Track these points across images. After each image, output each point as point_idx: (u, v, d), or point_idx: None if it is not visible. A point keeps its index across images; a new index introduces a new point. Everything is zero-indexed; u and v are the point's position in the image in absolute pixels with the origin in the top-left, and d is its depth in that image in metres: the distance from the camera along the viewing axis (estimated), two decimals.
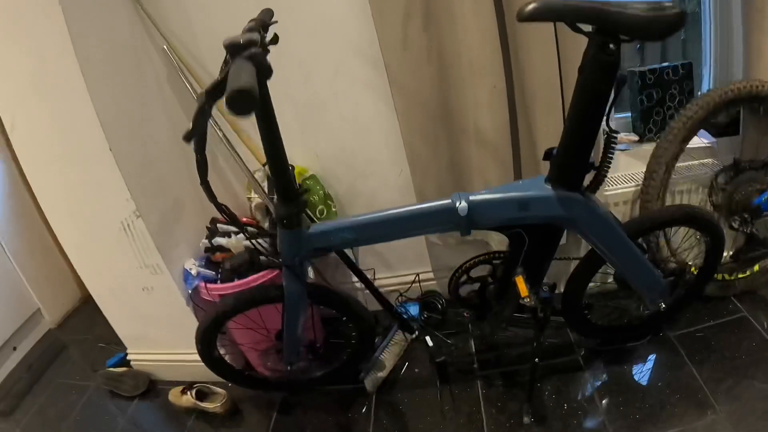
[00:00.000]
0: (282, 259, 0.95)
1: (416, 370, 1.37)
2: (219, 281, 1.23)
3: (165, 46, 1.27)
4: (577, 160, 0.86)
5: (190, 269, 1.26)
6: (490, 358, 1.35)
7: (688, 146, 1.23)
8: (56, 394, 1.60)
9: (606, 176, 0.89)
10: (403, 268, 1.54)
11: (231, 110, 0.55)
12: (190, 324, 1.30)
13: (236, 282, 1.18)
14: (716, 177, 1.29)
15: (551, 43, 1.04)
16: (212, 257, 1.28)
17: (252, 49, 0.66)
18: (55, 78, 1.08)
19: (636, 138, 1.43)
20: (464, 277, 1.15)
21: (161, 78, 1.33)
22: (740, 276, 1.35)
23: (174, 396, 1.37)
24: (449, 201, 0.90)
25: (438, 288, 1.53)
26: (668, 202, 1.26)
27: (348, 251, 1.35)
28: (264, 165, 1.28)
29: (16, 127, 1.20)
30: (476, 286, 1.17)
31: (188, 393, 1.32)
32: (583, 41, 0.79)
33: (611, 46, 0.75)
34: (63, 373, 1.71)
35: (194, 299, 1.27)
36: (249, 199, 1.34)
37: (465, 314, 1.32)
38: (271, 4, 1.19)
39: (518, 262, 0.99)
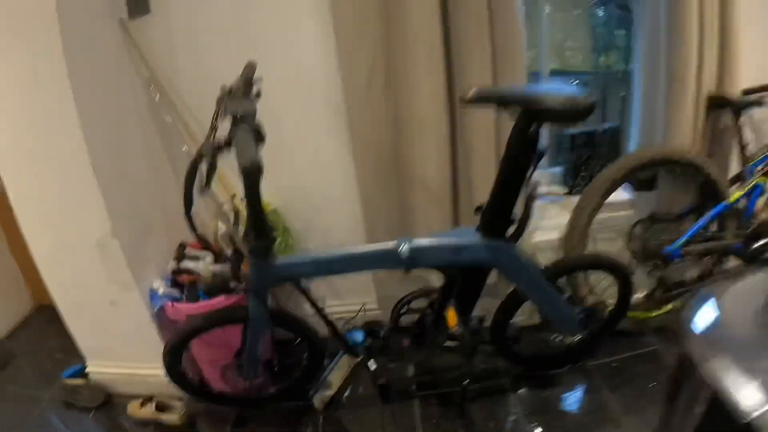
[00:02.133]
0: (250, 286, 1.22)
1: (360, 390, 1.65)
2: (184, 301, 1.48)
3: (148, 76, 1.53)
4: (501, 215, 1.17)
5: (158, 289, 1.50)
6: (427, 381, 1.64)
7: (612, 200, 1.58)
8: (7, 403, 1.77)
9: (525, 229, 1.20)
10: (350, 298, 1.82)
11: (246, 180, 0.82)
12: (152, 339, 1.54)
13: (201, 303, 1.44)
14: (634, 227, 1.66)
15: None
16: (177, 278, 1.53)
17: (252, 120, 0.93)
18: (45, 93, 1.29)
19: (565, 191, 1.78)
20: (405, 308, 1.45)
21: (141, 105, 1.57)
22: (654, 314, 1.71)
23: (133, 408, 1.59)
24: (395, 244, 1.19)
25: (381, 317, 1.82)
26: (591, 247, 1.60)
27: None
28: (232, 197, 1.55)
29: None
30: (415, 317, 1.46)
31: (148, 405, 1.55)
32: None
33: (533, 126, 1.07)
34: (14, 382, 1.88)
35: (159, 316, 1.51)
36: (215, 228, 1.60)
37: (405, 342, 1.61)
38: (250, 51, 1.48)
39: (451, 297, 1.30)
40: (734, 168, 1.68)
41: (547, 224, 1.66)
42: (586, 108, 1.00)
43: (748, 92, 1.72)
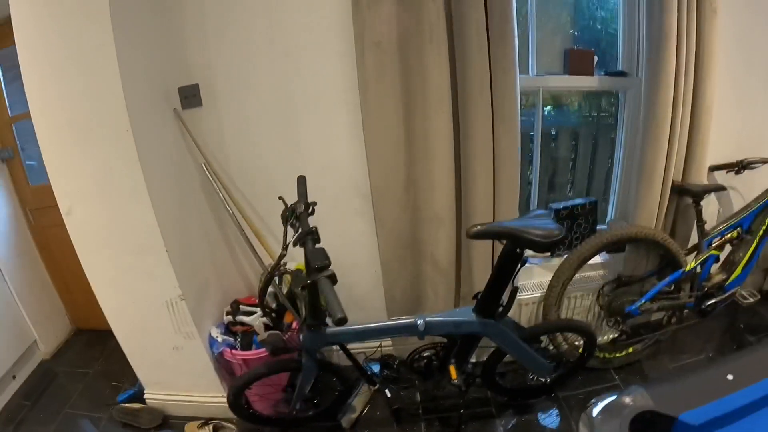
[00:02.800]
0: (304, 347, 1.77)
1: (378, 413, 2.25)
2: (239, 347, 2.03)
3: (203, 162, 2.01)
4: (492, 302, 1.74)
5: (216, 337, 2.04)
6: (431, 406, 2.24)
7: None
8: (67, 425, 2.29)
9: (510, 310, 1.77)
10: None
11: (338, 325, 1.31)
12: (210, 376, 2.10)
13: (255, 351, 2.00)
14: (603, 287, 2.24)
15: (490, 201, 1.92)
16: (232, 328, 2.08)
17: (329, 270, 1.42)
18: (119, 183, 1.74)
19: (548, 254, 2.34)
20: (417, 356, 2.03)
21: (196, 183, 2.06)
22: (617, 355, 2.32)
23: (191, 429, 2.16)
24: (413, 320, 1.75)
25: (394, 353, 2.41)
26: (566, 304, 2.19)
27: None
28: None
29: (72, 213, 1.87)
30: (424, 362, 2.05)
31: (205, 428, 2.12)
32: None
33: (518, 250, 1.62)
34: (70, 405, 2.42)
35: (217, 359, 2.07)
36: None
37: (414, 376, 2.20)
38: (290, 146, 1.98)
39: (452, 353, 1.87)
40: (694, 238, 2.25)
41: (532, 284, 2.24)
42: (558, 240, 1.57)
43: (714, 168, 2.29)
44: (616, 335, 2.30)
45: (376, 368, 2.35)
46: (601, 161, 2.56)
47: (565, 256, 2.12)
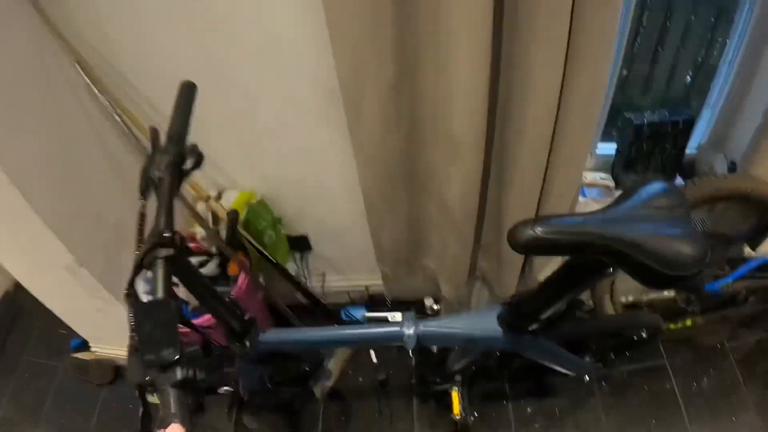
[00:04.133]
0: (238, 354, 1.12)
1: (360, 379, 1.68)
2: None
3: (76, 64, 1.15)
4: (531, 317, 0.99)
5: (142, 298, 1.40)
6: (428, 374, 1.59)
7: None
8: (26, 376, 1.85)
9: (559, 327, 1.03)
10: (352, 273, 1.73)
11: None
12: None
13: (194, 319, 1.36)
14: None
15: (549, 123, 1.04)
16: None
17: (178, 373, 0.59)
18: None
19: (612, 184, 1.47)
20: None
21: (82, 96, 1.22)
22: (672, 326, 1.62)
23: None
24: (398, 328, 1.03)
25: (386, 293, 1.72)
26: None
27: (297, 262, 1.60)
28: (207, 199, 1.39)
29: None
30: None
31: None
32: None
33: (607, 270, 0.80)
34: (29, 351, 1.93)
35: None
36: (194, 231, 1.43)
37: None
38: (209, 22, 1.09)
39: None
40: None
41: None
42: (696, 274, 0.68)
43: None
44: (674, 306, 1.57)
45: (359, 314, 1.73)
46: (700, 52, 1.53)
47: None
